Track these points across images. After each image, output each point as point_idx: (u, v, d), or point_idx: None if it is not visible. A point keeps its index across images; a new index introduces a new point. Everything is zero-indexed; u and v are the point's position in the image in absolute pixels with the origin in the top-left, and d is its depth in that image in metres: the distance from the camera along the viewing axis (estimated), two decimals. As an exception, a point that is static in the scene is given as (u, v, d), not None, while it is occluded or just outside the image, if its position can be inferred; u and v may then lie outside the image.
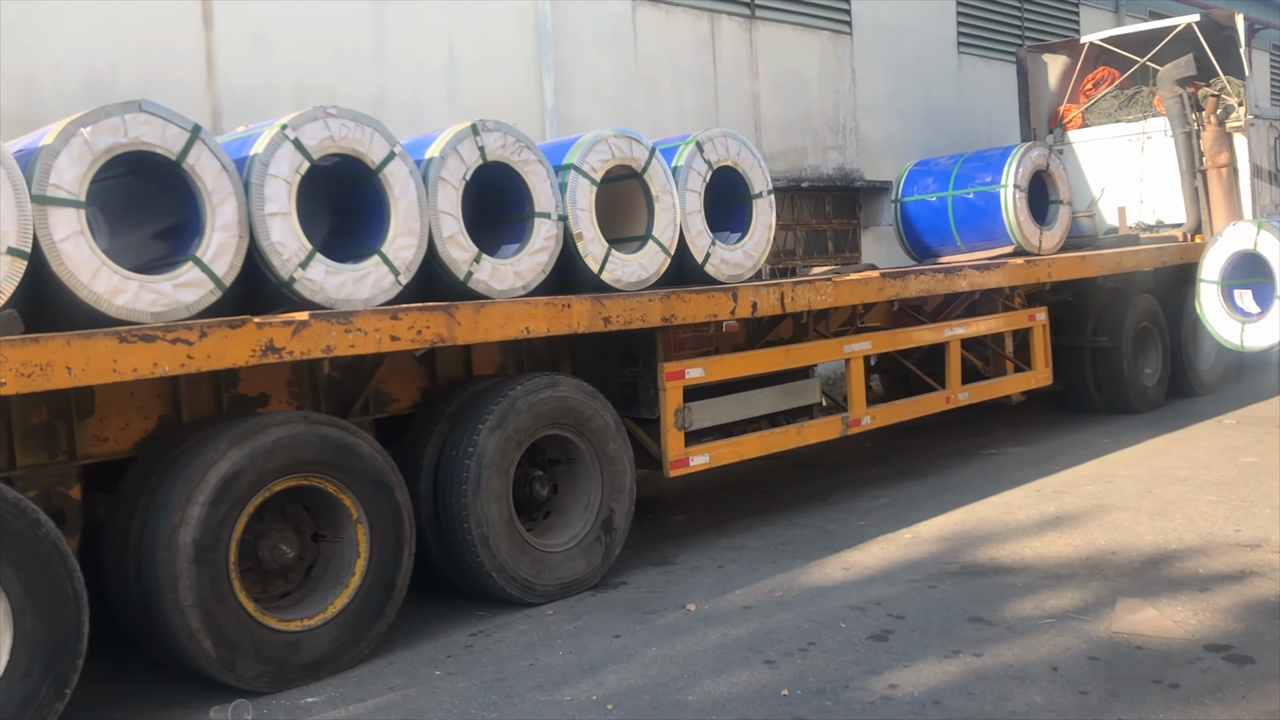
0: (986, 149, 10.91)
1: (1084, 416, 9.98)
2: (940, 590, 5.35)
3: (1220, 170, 10.79)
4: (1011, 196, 9.63)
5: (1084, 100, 12.29)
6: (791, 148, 12.82)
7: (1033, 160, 9.86)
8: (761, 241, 7.30)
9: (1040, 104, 12.54)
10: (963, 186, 10.17)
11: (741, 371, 6.88)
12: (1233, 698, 3.93)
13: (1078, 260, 9.54)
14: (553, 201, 6.04)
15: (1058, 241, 10.07)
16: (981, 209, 9.99)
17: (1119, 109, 11.90)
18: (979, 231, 10.10)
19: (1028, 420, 10.03)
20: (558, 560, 5.64)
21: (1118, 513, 6.57)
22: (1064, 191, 10.21)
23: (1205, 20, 11.39)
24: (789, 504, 7.42)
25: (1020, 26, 16.14)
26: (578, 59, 10.65)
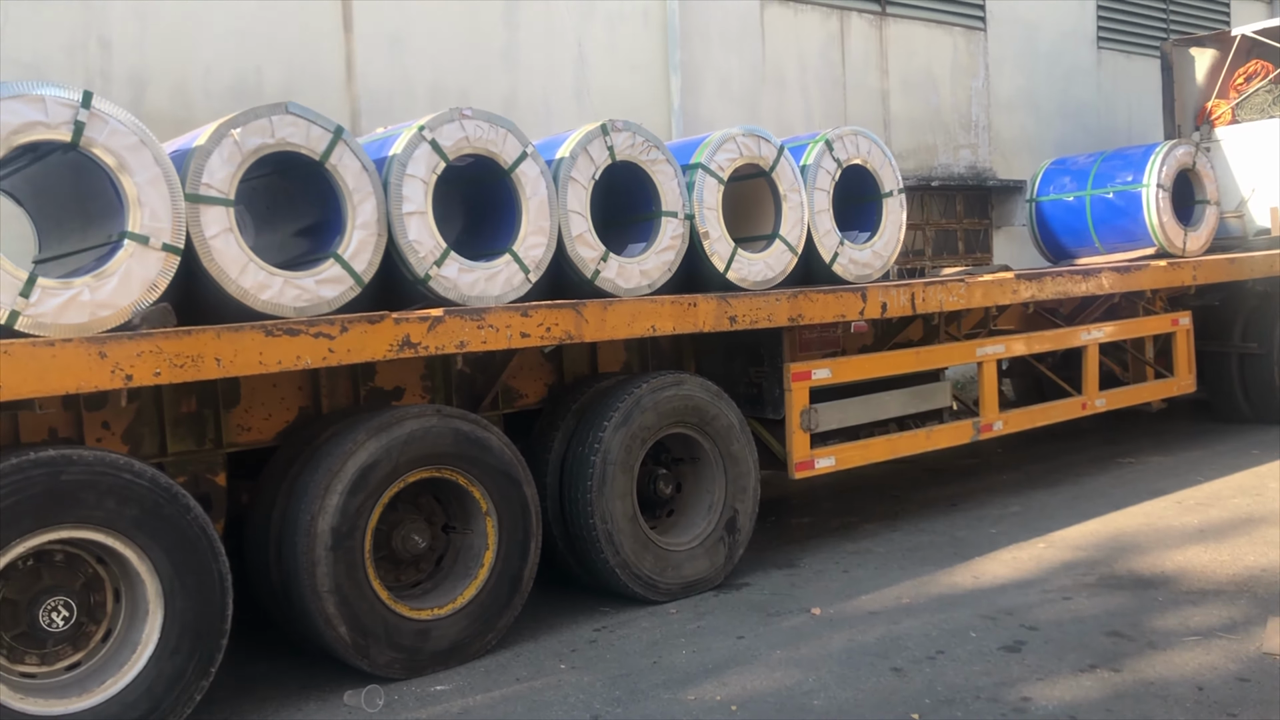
0: (1127, 147, 10.50)
1: (1230, 426, 9.52)
2: (1076, 602, 5.17)
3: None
4: (1154, 196, 9.25)
5: (1234, 95, 11.70)
6: (921, 146, 12.57)
7: (1178, 158, 9.46)
8: (891, 241, 7.17)
9: (1186, 100, 12.00)
10: (1102, 185, 9.81)
11: (869, 373, 6.78)
12: (1398, 728, 3.71)
13: (1225, 263, 9.12)
14: (680, 200, 6.05)
15: (1203, 243, 9.63)
16: (1122, 209, 9.63)
17: (1273, 104, 11.29)
18: (1118, 232, 9.74)
19: (1169, 429, 9.62)
20: (681, 559, 5.64)
21: (1268, 528, 6.25)
22: (1211, 191, 9.77)
23: (1369, 9, 10.75)
24: (917, 509, 7.27)
25: (1165, 19, 15.50)
26: (705, 58, 10.64)
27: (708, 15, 10.64)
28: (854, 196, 7.20)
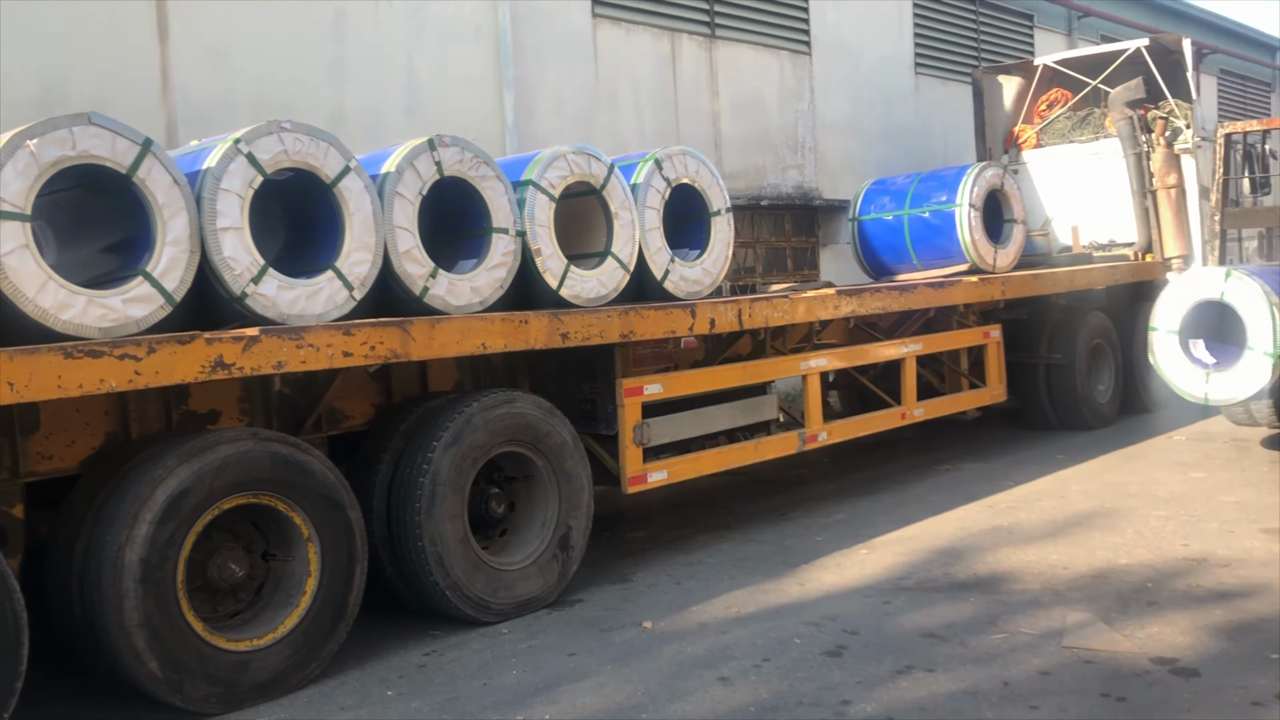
0: (942, 168, 11.03)
1: (1038, 433, 10.09)
2: (894, 606, 5.37)
3: (1170, 191, 11.00)
4: (966, 215, 9.73)
5: (1038, 121, 12.47)
6: (751, 166, 12.91)
7: (987, 180, 9.98)
8: (720, 259, 7.33)
9: (995, 124, 12.72)
10: (919, 205, 10.27)
11: (700, 388, 6.90)
12: (1178, 710, 3.98)
13: (1031, 278, 9.67)
14: (511, 217, 6.03)
15: (1012, 260, 10.19)
16: (937, 228, 10.09)
17: (1072, 130, 12.09)
18: (935, 250, 10.20)
19: (983, 436, 10.13)
20: (514, 578, 5.60)
21: (1070, 528, 6.65)
22: (1018, 210, 10.34)
23: (1154, 44, 11.62)
24: (747, 520, 7.43)
25: (976, 48, 16.39)
26: (539, 76, 10.67)
27: (541, 33, 10.67)
28: (684, 215, 7.33)
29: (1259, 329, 7.59)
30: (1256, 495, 7.20)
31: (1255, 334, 7.60)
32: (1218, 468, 8.16)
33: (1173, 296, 8.18)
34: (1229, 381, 7.80)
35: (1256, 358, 7.60)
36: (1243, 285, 7.72)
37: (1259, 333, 7.59)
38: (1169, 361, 8.10)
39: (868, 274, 11.15)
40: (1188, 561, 5.81)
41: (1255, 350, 7.60)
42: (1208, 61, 20.86)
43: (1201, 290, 7.96)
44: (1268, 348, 7.55)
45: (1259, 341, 7.59)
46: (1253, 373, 7.63)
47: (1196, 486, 7.57)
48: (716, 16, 12.42)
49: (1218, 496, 7.23)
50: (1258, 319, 7.60)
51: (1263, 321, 7.58)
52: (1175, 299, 8.13)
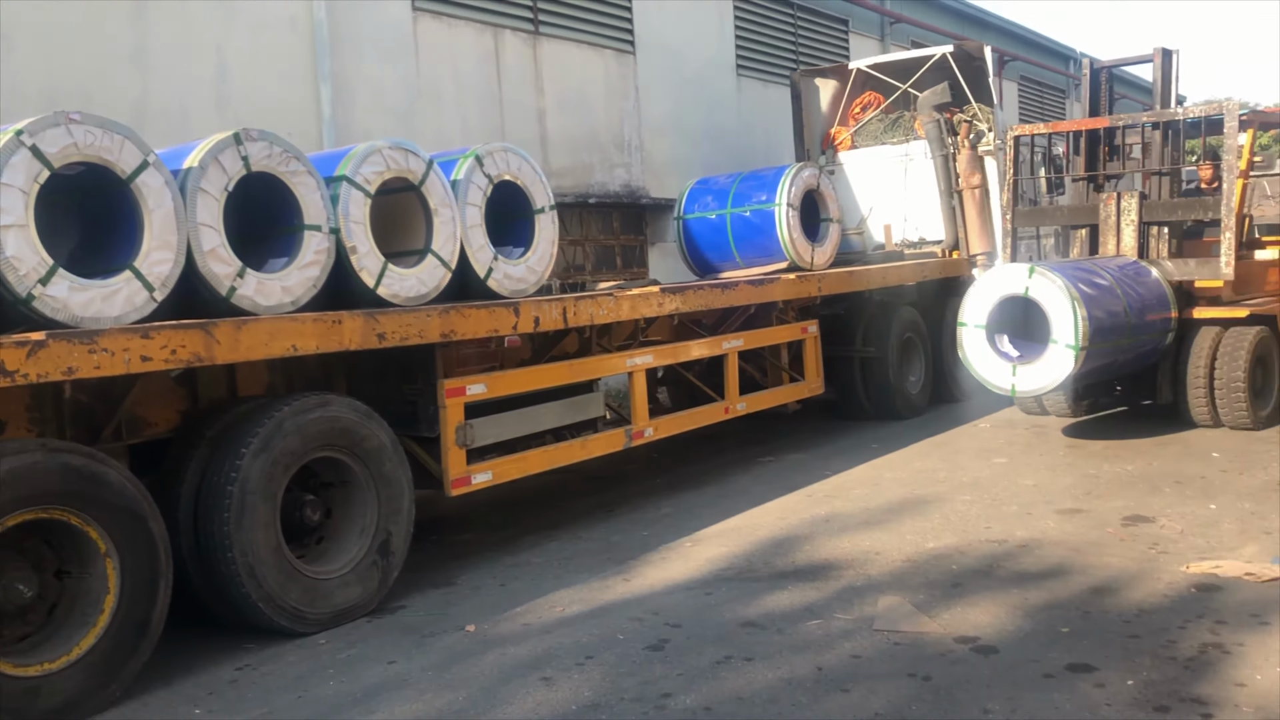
0: (762, 169, 11.30)
1: (855, 423, 10.46)
2: (716, 596, 5.47)
3: (974, 191, 11.58)
4: (785, 215, 10.01)
5: (853, 123, 12.93)
6: (579, 164, 12.93)
7: (804, 180, 10.28)
8: (545, 256, 7.32)
9: (813, 126, 13.13)
10: (740, 204, 10.50)
11: (525, 387, 6.86)
12: (979, 685, 4.18)
13: (846, 275, 10.01)
14: (324, 214, 5.87)
15: (829, 257, 10.53)
16: (758, 226, 10.34)
17: (884, 132, 12.58)
18: (756, 248, 10.45)
19: (804, 428, 10.43)
20: (331, 587, 5.44)
21: (883, 514, 6.91)
22: (834, 210, 10.70)
23: (958, 50, 12.21)
24: (575, 518, 7.43)
25: (794, 51, 16.86)
26: (357, 69, 10.40)
27: (359, 25, 10.41)
28: (508, 213, 7.28)
29: (1061, 322, 7.97)
30: (1052, 478, 7.66)
31: (1058, 327, 7.98)
32: (1018, 453, 8.64)
33: (980, 292, 8.53)
34: (1035, 373, 8.17)
35: (1060, 350, 7.99)
36: (1045, 281, 8.08)
37: (1062, 326, 7.96)
38: (977, 355, 8.45)
39: (694, 272, 11.33)
40: (990, 543, 6.12)
41: (1059, 343, 7.99)
42: (1009, 68, 22.09)
43: (1007, 286, 8.32)
44: (1070, 340, 7.93)
45: (1062, 334, 7.97)
46: (1057, 364, 8.03)
47: (999, 471, 8.00)
48: (540, 13, 12.37)
49: (1018, 480, 7.65)
50: (1060, 313, 7.98)
51: (1065, 315, 7.96)
52: (982, 295, 8.48)
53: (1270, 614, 4.76)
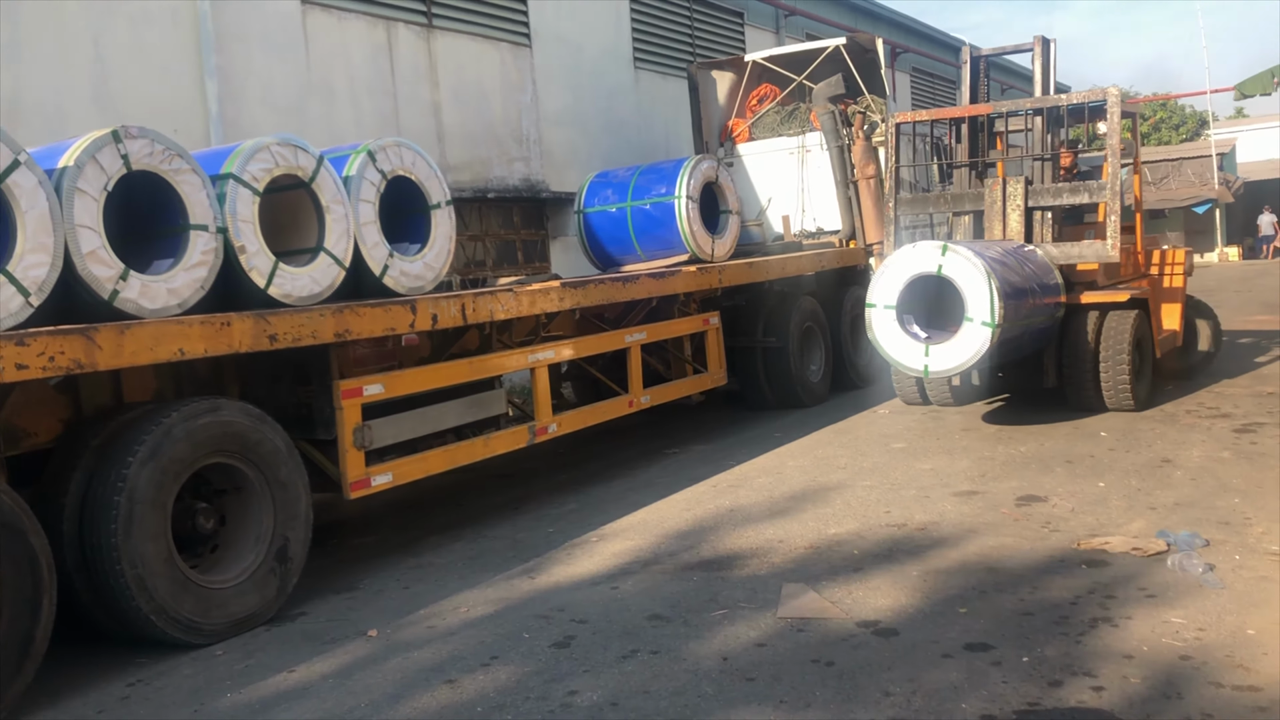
0: (661, 161, 11.33)
1: (758, 413, 10.56)
2: (622, 591, 5.47)
3: (869, 181, 11.78)
4: (685, 207, 10.05)
5: (750, 115, 13.05)
6: (476, 158, 12.80)
7: (703, 172, 10.34)
8: (442, 252, 7.23)
9: (711, 118, 13.21)
10: (640, 198, 10.50)
11: (424, 386, 6.76)
12: (880, 669, 4.25)
13: (746, 266, 10.10)
14: (210, 213, 5.71)
15: (729, 249, 10.61)
16: (659, 219, 10.37)
17: (781, 124, 12.72)
18: (657, 241, 10.47)
19: (709, 419, 10.51)
20: (227, 596, 5.29)
21: (786, 502, 6.99)
22: (733, 202, 10.78)
23: (851, 43, 12.41)
24: (480, 516, 7.36)
25: (691, 43, 16.93)
26: (245, 64, 10.12)
27: (245, 19, 10.13)
28: (404, 209, 7.17)
29: (977, 299, 7.90)
30: (949, 462, 7.83)
31: (973, 304, 7.91)
32: (916, 438, 8.82)
33: (889, 272, 8.38)
34: (948, 352, 8.09)
35: (975, 328, 7.93)
36: (959, 258, 8.01)
37: (977, 303, 7.89)
38: (888, 336, 8.34)
39: (595, 265, 11.30)
40: (890, 528, 6.23)
41: (974, 320, 7.92)
42: (901, 60, 22.55)
43: (918, 265, 8.21)
44: (985, 317, 7.87)
45: (977, 311, 7.90)
46: (972, 342, 7.96)
47: (897, 457, 8.15)
48: (433, 6, 12.20)
49: (916, 465, 7.80)
50: (975, 290, 7.91)
51: (980, 292, 7.89)
52: (892, 275, 8.34)
53: (1155, 587, 4.94)
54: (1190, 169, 39.91)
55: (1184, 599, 4.76)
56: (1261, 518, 5.88)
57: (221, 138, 9.66)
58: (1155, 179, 40.46)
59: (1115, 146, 9.06)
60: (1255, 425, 8.30)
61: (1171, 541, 5.50)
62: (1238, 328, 14.99)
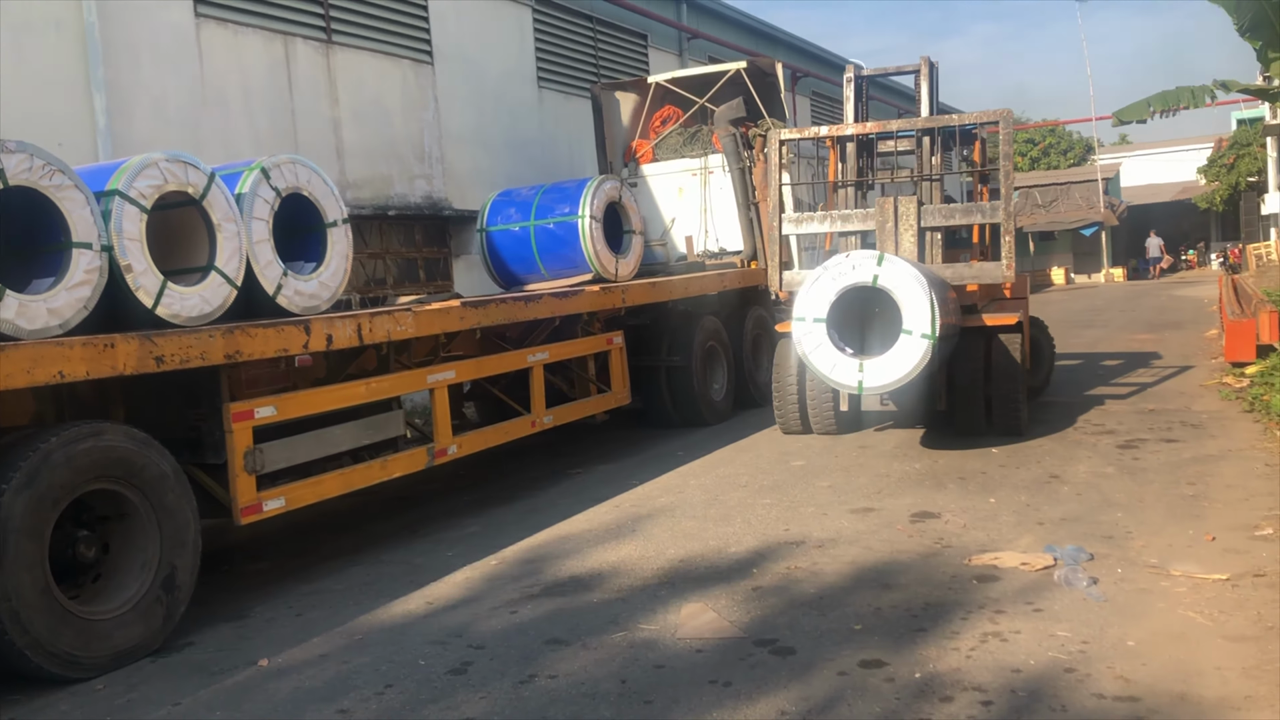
0: (564, 181, 11.33)
1: (662, 431, 10.60)
2: (521, 614, 5.42)
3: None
4: (588, 226, 10.06)
5: (654, 136, 13.13)
6: (377, 175, 12.64)
7: (606, 192, 10.36)
8: (339, 271, 7.12)
9: (615, 138, 13.26)
10: (544, 216, 10.49)
11: (319, 408, 6.63)
12: (776, 688, 4.28)
13: (649, 286, 10.14)
14: (95, 231, 5.54)
15: (632, 269, 10.65)
16: (562, 238, 10.36)
17: (684, 145, 12.83)
18: (561, 260, 10.46)
19: (613, 438, 10.50)
20: (109, 628, 5.09)
21: (687, 521, 7.02)
22: (636, 222, 10.83)
23: (752, 66, 12.59)
24: (377, 540, 7.23)
25: (595, 64, 17.00)
26: (135, 77, 9.85)
27: (135, 31, 9.86)
28: (299, 227, 7.05)
29: (915, 311, 7.59)
30: (846, 479, 7.95)
31: (911, 316, 7.59)
32: (815, 455, 8.93)
33: (819, 284, 7.91)
34: (885, 367, 7.70)
35: (914, 341, 7.60)
36: (897, 268, 7.66)
37: (915, 315, 7.58)
38: (819, 352, 7.87)
39: (498, 284, 11.24)
40: (788, 545, 6.29)
41: (913, 333, 7.59)
42: (802, 84, 22.95)
43: (852, 275, 7.79)
44: (925, 329, 7.55)
45: (916, 323, 7.58)
46: (910, 355, 7.62)
47: (797, 474, 8.25)
48: (333, 21, 12.04)
49: (815, 482, 7.90)
50: (914, 301, 7.60)
51: (919, 303, 7.57)
52: (822, 286, 7.89)
53: (1043, 601, 5.08)
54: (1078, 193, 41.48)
55: (1069, 613, 4.90)
56: (1142, 531, 6.09)
57: (110, 153, 9.37)
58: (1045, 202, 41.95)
59: (1008, 169, 8.92)
60: (1138, 441, 8.61)
61: (1058, 556, 5.66)
62: (1121, 348, 15.59)
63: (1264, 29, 14.01)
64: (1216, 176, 43.00)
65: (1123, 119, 16.39)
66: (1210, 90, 15.99)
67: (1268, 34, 14.07)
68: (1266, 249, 34.55)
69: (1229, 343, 12.14)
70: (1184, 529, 6.07)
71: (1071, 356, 14.49)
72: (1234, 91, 17.26)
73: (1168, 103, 15.92)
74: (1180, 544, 5.81)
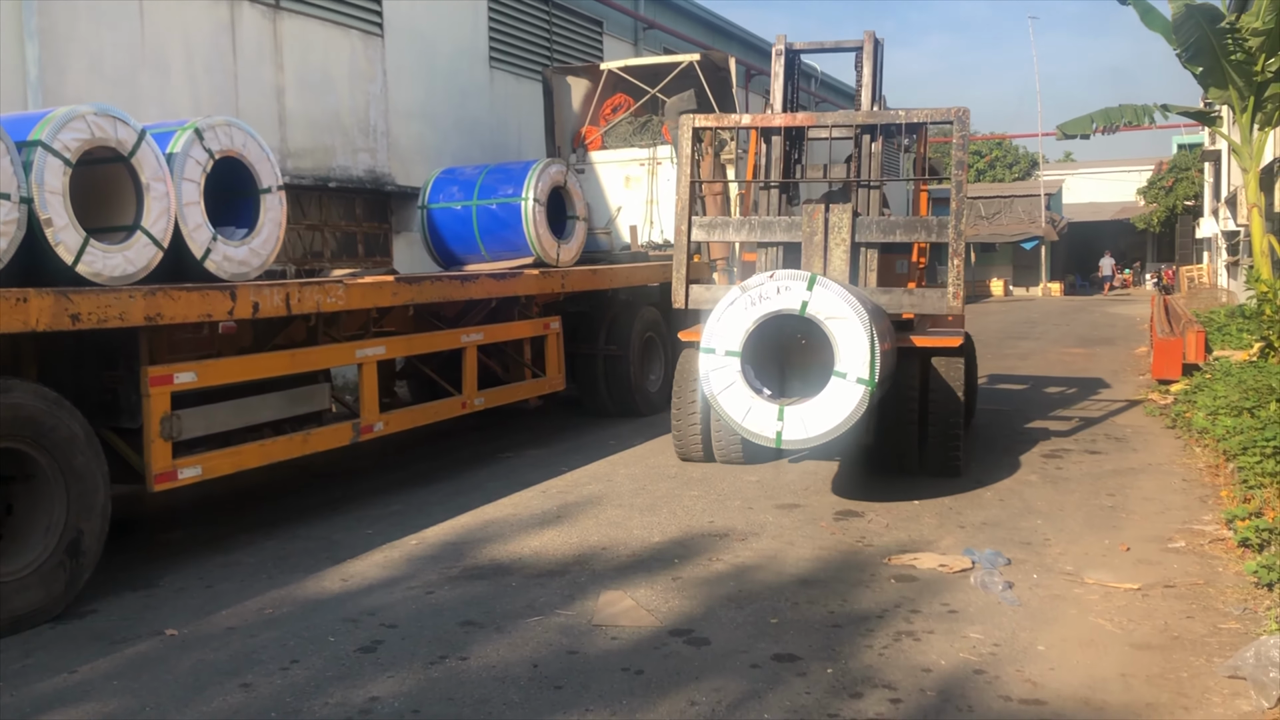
0: (510, 162, 11.23)
1: (596, 420, 10.55)
2: (437, 595, 5.34)
3: (716, 197, 11.92)
4: (531, 210, 9.96)
5: (604, 123, 13.05)
6: (320, 146, 12.42)
7: (551, 176, 10.27)
8: (271, 239, 6.97)
9: (565, 123, 13.16)
10: (487, 197, 10.36)
11: (241, 376, 6.48)
12: (688, 678, 4.26)
13: (590, 273, 10.08)
14: (14, 181, 5.34)
15: (574, 255, 10.57)
16: (504, 220, 10.24)
17: (633, 134, 12.77)
18: (502, 242, 10.34)
19: (546, 424, 10.44)
20: (8, 591, 4.93)
21: (613, 509, 6.98)
22: (581, 208, 10.74)
23: (705, 60, 12.57)
24: (296, 515, 7.09)
25: (549, 47, 16.87)
26: (71, 29, 9.56)
27: (73, -20, 9.57)
28: (232, 191, 6.88)
29: (851, 350, 6.18)
30: (775, 474, 7.96)
31: (846, 356, 6.18)
32: (747, 451, 8.93)
33: (733, 309, 6.46)
34: (810, 415, 6.24)
35: (846, 386, 6.18)
36: (831, 296, 6.28)
37: (851, 355, 6.18)
38: (729, 394, 6.42)
39: (438, 263, 11.09)
40: (712, 537, 6.28)
41: (846, 376, 6.17)
42: (755, 81, 22.97)
43: (776, 301, 6.40)
44: (862, 373, 6.15)
45: (850, 365, 6.16)
46: (841, 404, 6.19)
47: (726, 468, 8.23)
48: (282, -14, 11.80)
49: (743, 476, 7.90)
50: (849, 338, 6.20)
51: (855, 341, 6.18)
52: (737, 312, 6.45)
53: (958, 603, 5.11)
54: (1021, 207, 42.18)
55: (983, 615, 4.94)
56: (1060, 539, 6.17)
57: (41, 104, 9.09)
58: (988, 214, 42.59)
59: (961, 179, 7.40)
60: (1062, 451, 8.74)
61: (976, 559, 5.71)
62: (1053, 360, 15.85)
63: (1204, 55, 14.30)
64: (1155, 198, 44.05)
65: (1066, 133, 16.66)
66: (1151, 111, 16.32)
67: (1208, 60, 14.36)
68: (1199, 272, 35.47)
69: (1157, 360, 12.40)
70: (1100, 538, 6.17)
71: (1004, 369, 14.69)
72: (1174, 114, 17.62)
73: (1110, 119, 16.21)
74: (1096, 553, 5.89)
